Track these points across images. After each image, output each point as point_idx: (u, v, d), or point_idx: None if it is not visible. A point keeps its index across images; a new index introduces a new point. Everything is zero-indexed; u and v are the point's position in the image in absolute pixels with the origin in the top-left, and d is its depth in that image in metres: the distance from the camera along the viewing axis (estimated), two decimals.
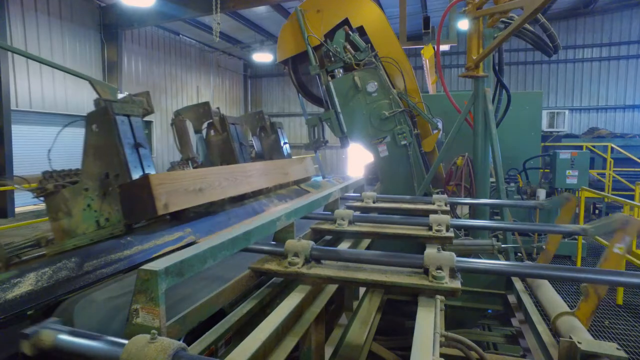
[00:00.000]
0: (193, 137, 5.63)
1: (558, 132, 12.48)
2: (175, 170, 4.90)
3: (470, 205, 4.63)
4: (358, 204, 3.10)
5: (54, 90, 10.85)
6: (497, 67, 4.31)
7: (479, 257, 3.35)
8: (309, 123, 5.19)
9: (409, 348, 3.73)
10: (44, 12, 10.66)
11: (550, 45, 3.79)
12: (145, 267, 1.02)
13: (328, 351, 2.04)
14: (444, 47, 10.50)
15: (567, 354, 1.58)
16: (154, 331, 0.90)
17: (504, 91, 4.52)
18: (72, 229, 2.41)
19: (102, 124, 2.71)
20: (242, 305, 1.56)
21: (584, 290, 1.99)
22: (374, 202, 3.17)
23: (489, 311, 3.72)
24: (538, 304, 2.51)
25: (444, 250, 1.59)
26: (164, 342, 0.89)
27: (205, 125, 5.38)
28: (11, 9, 9.56)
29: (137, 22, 12.36)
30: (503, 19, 3.64)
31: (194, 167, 5.08)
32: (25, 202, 8.88)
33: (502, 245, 3.42)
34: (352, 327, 2.52)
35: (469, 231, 4.20)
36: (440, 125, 5.71)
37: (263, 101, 21.61)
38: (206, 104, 5.40)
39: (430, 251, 1.58)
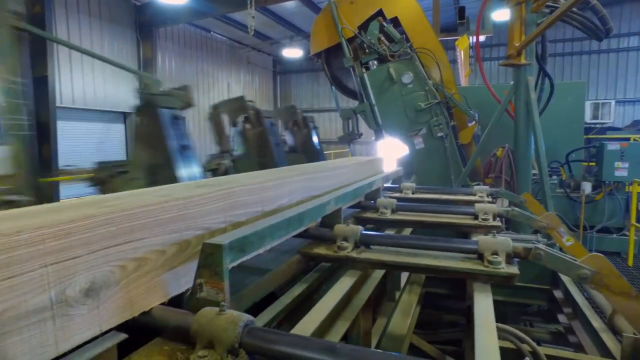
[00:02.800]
0: (229, 131, 5.77)
1: (602, 124, 11.91)
2: (214, 161, 5.06)
3: None
4: (397, 194, 3.06)
5: (94, 87, 11.28)
6: (540, 55, 4.14)
7: None
8: (343, 115, 5.17)
9: (447, 342, 3.66)
10: (85, 12, 11.08)
11: (602, 28, 3.60)
12: (209, 241, 1.03)
13: (373, 341, 2.03)
14: (480, 38, 10.19)
15: (632, 351, 1.50)
16: (223, 303, 0.91)
17: (546, 80, 4.34)
18: None
19: (147, 116, 2.76)
20: (293, 288, 1.56)
21: None
22: (413, 193, 3.12)
23: (529, 308, 3.60)
24: (590, 298, 2.41)
25: None
26: (233, 314, 0.90)
27: (241, 118, 5.50)
28: (57, 11, 9.99)
29: (171, 20, 12.66)
30: (549, 3, 3.49)
31: (231, 160, 5.20)
32: (69, 194, 9.29)
33: (549, 241, 3.29)
34: (394, 317, 2.50)
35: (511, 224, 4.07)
36: (476, 117, 5.56)
37: (293, 97, 21.70)
38: (241, 98, 5.57)
39: (485, 236, 1.53)
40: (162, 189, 1.35)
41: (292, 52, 17.68)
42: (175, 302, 1.12)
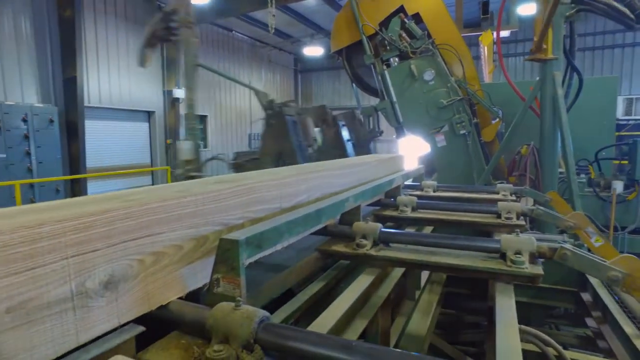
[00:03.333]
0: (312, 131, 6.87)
1: (636, 120, 11.40)
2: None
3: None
4: (418, 192, 3.01)
5: (120, 87, 11.56)
6: (568, 49, 4.00)
7: None
8: (364, 112, 5.14)
9: (468, 343, 3.60)
10: (112, 14, 11.37)
11: (631, 15, 3.43)
12: (226, 236, 1.03)
13: (392, 340, 2.01)
14: (504, 34, 9.94)
15: None
16: (239, 299, 0.91)
17: (575, 75, 4.19)
18: None
19: (275, 119, 3.30)
20: (310, 286, 1.56)
21: None
22: (434, 191, 3.07)
23: (554, 310, 3.49)
24: (621, 302, 2.31)
25: None
26: (249, 309, 0.90)
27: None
28: (85, 13, 10.29)
29: (194, 20, 12.82)
30: None
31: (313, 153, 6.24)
32: (95, 192, 9.57)
33: (576, 242, 3.17)
34: (414, 317, 2.46)
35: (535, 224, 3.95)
36: (500, 114, 5.42)
37: (314, 95, 21.71)
38: (323, 106, 6.92)
39: (508, 235, 1.49)
40: (180, 184, 1.37)
41: (313, 51, 17.69)
42: (193, 297, 1.13)
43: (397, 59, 5.12)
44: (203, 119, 15.29)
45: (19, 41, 9.01)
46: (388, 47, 5.05)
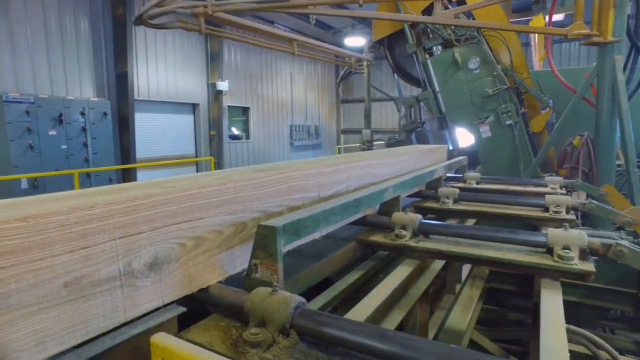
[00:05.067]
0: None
1: None
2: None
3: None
4: (460, 184, 2.92)
5: (167, 80, 12.02)
6: (633, 30, 3.68)
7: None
8: (406, 103, 5.03)
9: (511, 341, 3.47)
10: None
11: None
12: (264, 223, 1.05)
13: (430, 333, 1.97)
14: (558, 17, 9.34)
15: None
16: (276, 284, 0.93)
17: (639, 59, 3.86)
18: None
19: None
20: (348, 275, 1.56)
21: None
22: (477, 183, 2.97)
23: (609, 312, 3.28)
24: None
25: None
26: (285, 295, 0.91)
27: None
28: (135, 11, 10.76)
29: (236, 14, 13.04)
30: None
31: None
32: None
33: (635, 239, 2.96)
34: (454, 311, 2.41)
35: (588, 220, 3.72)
36: (551, 103, 5.12)
37: (354, 86, 21.51)
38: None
39: (555, 229, 1.41)
40: (220, 172, 1.41)
41: (354, 41, 17.48)
42: (232, 282, 1.16)
43: (440, 48, 4.96)
44: (245, 110, 15.60)
45: (78, 40, 9.60)
46: (431, 36, 4.89)
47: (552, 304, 1.21)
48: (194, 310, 1.04)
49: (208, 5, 3.80)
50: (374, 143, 7.21)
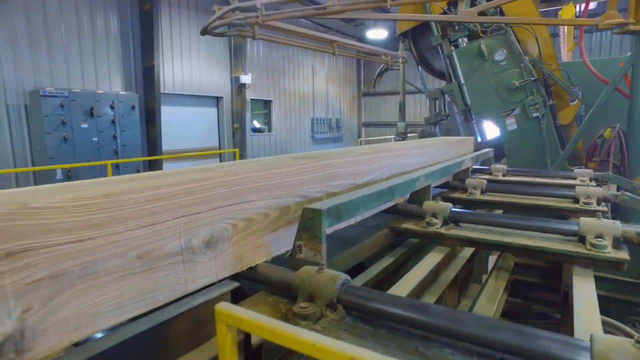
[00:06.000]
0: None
1: None
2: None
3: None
4: (486, 176, 2.93)
5: (191, 74, 12.24)
6: None
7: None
8: (430, 95, 5.02)
9: None
10: (184, 6, 12.00)
11: None
12: (309, 206, 1.12)
13: None
14: (590, 5, 9.05)
15: None
16: (322, 262, 1.00)
17: None
18: None
19: None
20: (381, 261, 1.62)
21: None
22: (503, 175, 2.97)
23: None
24: None
25: None
26: (332, 272, 0.98)
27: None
28: (161, 6, 10.99)
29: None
30: None
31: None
32: None
33: None
34: (479, 301, 2.43)
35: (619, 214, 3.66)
36: (580, 95, 5.02)
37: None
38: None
39: (587, 218, 1.43)
40: (260, 160, 1.48)
41: (377, 34, 17.35)
42: (275, 263, 1.24)
43: (465, 39, 4.91)
44: (267, 104, 15.73)
45: (108, 36, 9.89)
46: (457, 27, 4.85)
47: (585, 290, 1.23)
48: (241, 288, 1.12)
49: (259, 16, 4.71)
50: (408, 135, 7.22)
